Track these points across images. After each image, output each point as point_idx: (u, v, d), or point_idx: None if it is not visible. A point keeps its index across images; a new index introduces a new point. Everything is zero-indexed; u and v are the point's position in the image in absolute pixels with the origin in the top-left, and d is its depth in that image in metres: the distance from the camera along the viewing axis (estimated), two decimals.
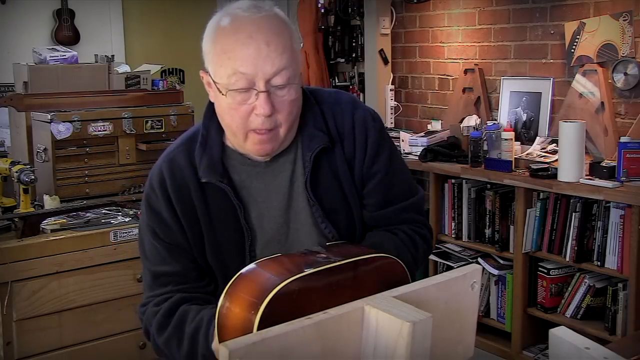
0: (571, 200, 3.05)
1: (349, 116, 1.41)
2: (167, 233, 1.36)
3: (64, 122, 2.86)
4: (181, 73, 5.19)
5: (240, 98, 1.26)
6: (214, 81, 1.30)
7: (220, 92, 1.28)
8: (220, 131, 1.39)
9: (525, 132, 3.63)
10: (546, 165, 3.16)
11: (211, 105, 1.38)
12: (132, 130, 3.04)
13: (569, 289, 3.12)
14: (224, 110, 1.30)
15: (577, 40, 3.36)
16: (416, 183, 1.51)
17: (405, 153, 3.79)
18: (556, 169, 3.06)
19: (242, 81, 1.25)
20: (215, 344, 1.21)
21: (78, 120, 2.90)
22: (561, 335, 1.09)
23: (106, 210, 2.82)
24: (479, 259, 3.47)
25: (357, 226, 1.41)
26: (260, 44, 1.24)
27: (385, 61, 4.41)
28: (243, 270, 1.11)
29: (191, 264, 1.36)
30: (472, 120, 3.73)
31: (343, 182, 1.39)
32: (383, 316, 0.93)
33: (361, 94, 4.59)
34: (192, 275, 1.36)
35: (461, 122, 3.80)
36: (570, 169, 2.99)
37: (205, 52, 1.32)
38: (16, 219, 2.55)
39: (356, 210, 1.41)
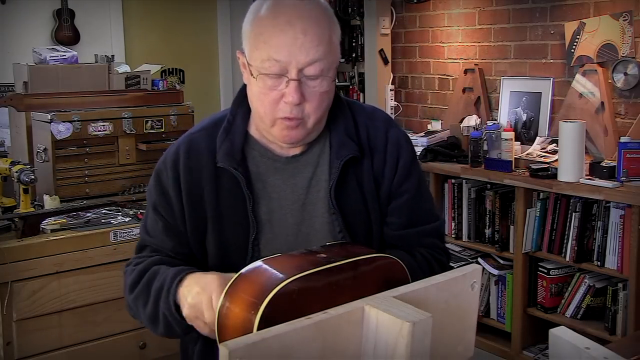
0: (571, 200, 3.05)
1: (383, 133, 1.40)
2: (167, 211, 1.36)
3: (64, 122, 2.86)
4: (181, 73, 5.18)
5: (270, 83, 1.25)
6: (248, 63, 1.29)
7: (252, 75, 1.28)
8: (246, 119, 1.38)
9: (525, 132, 3.63)
10: (546, 165, 3.17)
11: (242, 92, 1.38)
12: (132, 130, 3.04)
13: (569, 289, 3.12)
14: (254, 94, 1.30)
15: (577, 40, 3.36)
16: (437, 211, 1.50)
17: None
18: (556, 169, 3.06)
19: (275, 67, 1.24)
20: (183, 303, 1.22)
21: (78, 120, 2.90)
22: (561, 335, 1.09)
23: (106, 210, 2.82)
24: (479, 259, 3.47)
25: (375, 243, 1.39)
26: (297, 32, 1.23)
27: (385, 61, 4.41)
28: (243, 270, 1.11)
29: (182, 247, 1.36)
30: (472, 120, 3.73)
31: (367, 196, 1.37)
32: (383, 316, 0.93)
33: (361, 94, 4.59)
34: (180, 255, 1.37)
35: (461, 122, 3.80)
36: (570, 169, 2.99)
37: (243, 32, 1.31)
38: (16, 219, 2.55)
39: (376, 226, 1.38)
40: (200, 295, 1.18)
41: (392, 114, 4.37)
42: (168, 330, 1.29)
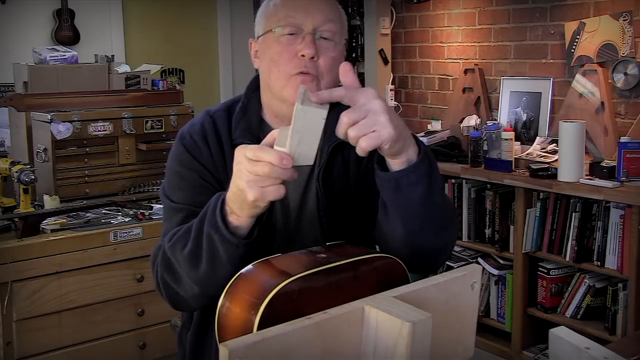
0: (571, 200, 3.05)
1: None
2: (210, 178, 1.37)
3: (64, 122, 2.86)
4: (181, 73, 5.18)
5: (286, 40, 1.33)
6: (265, 33, 1.35)
7: (272, 30, 1.34)
8: (259, 105, 1.44)
9: (525, 132, 3.63)
10: (546, 165, 3.17)
11: (255, 81, 1.44)
12: (132, 130, 3.04)
13: (569, 289, 3.12)
14: (270, 60, 1.35)
15: (577, 40, 3.36)
16: None
17: None
18: (556, 169, 3.06)
19: (293, 23, 1.32)
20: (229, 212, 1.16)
21: (78, 120, 2.90)
22: (561, 335, 1.09)
23: (106, 210, 2.82)
24: (479, 259, 3.47)
25: (357, 226, 1.41)
26: None
27: (385, 61, 4.41)
28: (243, 271, 1.11)
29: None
30: (472, 120, 3.73)
31: (352, 180, 1.42)
32: (383, 316, 0.93)
33: None
34: None
35: (461, 122, 3.80)
36: (570, 169, 2.99)
37: (259, 17, 1.40)
38: (16, 219, 2.55)
39: (360, 208, 1.41)
40: (238, 165, 1.11)
41: None
42: (212, 260, 1.20)
